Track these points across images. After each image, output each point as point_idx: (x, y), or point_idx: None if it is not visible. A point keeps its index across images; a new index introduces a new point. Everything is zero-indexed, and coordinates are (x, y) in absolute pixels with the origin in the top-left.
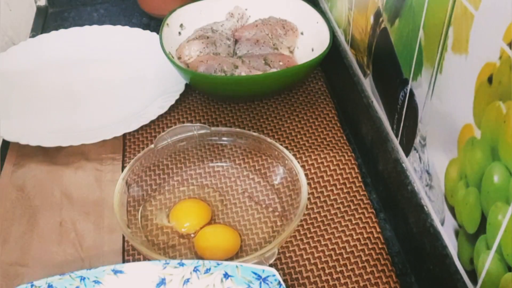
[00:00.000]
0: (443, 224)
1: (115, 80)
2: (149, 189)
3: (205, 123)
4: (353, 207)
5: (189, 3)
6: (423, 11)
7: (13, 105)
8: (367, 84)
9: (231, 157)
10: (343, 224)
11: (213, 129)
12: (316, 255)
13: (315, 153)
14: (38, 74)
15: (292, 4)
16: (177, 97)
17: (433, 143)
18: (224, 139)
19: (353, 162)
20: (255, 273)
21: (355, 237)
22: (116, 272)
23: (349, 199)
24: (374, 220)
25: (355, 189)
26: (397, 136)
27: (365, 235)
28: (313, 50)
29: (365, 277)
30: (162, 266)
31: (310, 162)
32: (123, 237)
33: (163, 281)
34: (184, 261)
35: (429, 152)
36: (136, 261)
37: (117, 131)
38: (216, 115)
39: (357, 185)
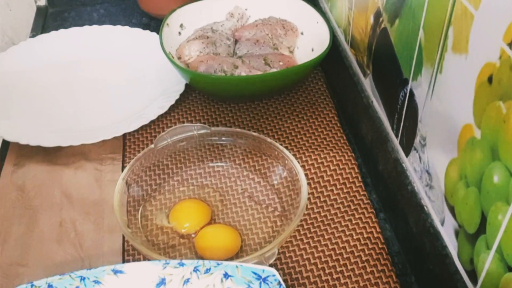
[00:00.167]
0: (443, 224)
1: (115, 80)
2: (149, 189)
3: (205, 123)
4: (353, 207)
5: (189, 3)
6: (423, 11)
7: (13, 105)
8: (367, 84)
9: (231, 157)
10: (343, 224)
11: (213, 129)
12: (316, 255)
13: (315, 153)
14: (38, 74)
15: (292, 4)
16: (177, 97)
17: (433, 143)
18: (224, 139)
19: (353, 162)
20: (255, 273)
21: (355, 237)
22: (116, 272)
23: (349, 199)
24: (374, 220)
25: (355, 189)
26: (397, 136)
27: (365, 235)
28: (313, 50)
29: (365, 277)
30: (162, 266)
31: (310, 162)
32: (123, 237)
33: (163, 281)
34: (184, 261)
35: (429, 152)
36: (136, 261)
37: (117, 131)
38: (216, 115)
39: (357, 185)
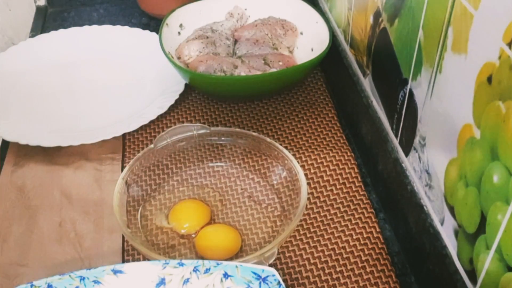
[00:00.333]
0: (442, 224)
1: (115, 80)
2: (149, 189)
3: (204, 123)
4: (352, 207)
5: (188, 3)
6: (422, 11)
7: (12, 105)
8: (367, 84)
9: (231, 157)
10: (343, 224)
11: (212, 129)
12: (315, 255)
13: (314, 153)
14: (37, 74)
15: (291, 4)
16: (177, 97)
17: (432, 143)
18: (223, 139)
19: (352, 162)
20: (255, 273)
21: (354, 237)
22: (115, 272)
23: (348, 199)
24: (373, 220)
25: (354, 189)
26: (396, 136)
27: (365, 235)
28: (312, 50)
29: (364, 277)
30: (161, 266)
31: (309, 162)
32: (123, 237)
33: (162, 281)
34: (183, 261)
35: (429, 152)
36: (135, 261)
37: (117, 131)
38: (215, 115)
39: (357, 185)
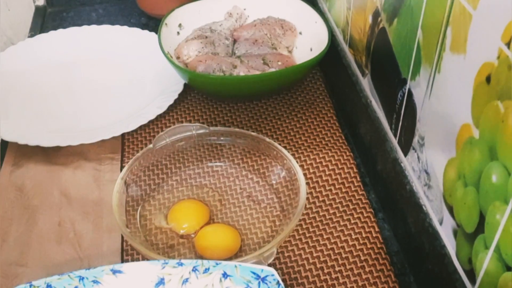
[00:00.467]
0: (441, 223)
1: (114, 80)
2: (148, 189)
3: (203, 123)
4: (351, 207)
5: (187, 3)
6: (421, 11)
7: (11, 105)
8: (366, 83)
9: (230, 157)
10: (342, 224)
11: (211, 129)
12: (314, 254)
13: (313, 153)
14: (36, 74)
15: (290, 4)
16: (176, 97)
17: (431, 142)
18: (222, 139)
19: (351, 161)
20: (254, 273)
21: (353, 237)
22: (115, 272)
23: (347, 199)
24: (372, 219)
25: (353, 189)
26: (395, 135)
27: (364, 235)
28: (311, 50)
29: (363, 276)
30: (161, 266)
31: (308, 161)
32: (122, 237)
33: (162, 281)
34: (183, 261)
35: (428, 151)
36: (135, 261)
37: (116, 131)
38: (214, 115)
39: (356, 184)
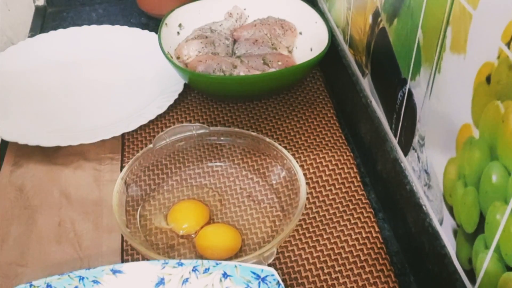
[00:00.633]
0: (441, 223)
1: (114, 80)
2: (148, 189)
3: (204, 123)
4: (351, 207)
5: (187, 3)
6: (421, 11)
7: (11, 105)
8: (366, 84)
9: (230, 157)
10: (342, 223)
11: (211, 129)
12: (314, 254)
13: (313, 153)
14: (36, 74)
15: (290, 4)
16: (176, 97)
17: (431, 142)
18: (222, 139)
19: (351, 161)
20: (254, 273)
21: (353, 237)
22: (115, 272)
23: (347, 199)
24: (372, 219)
25: (353, 189)
26: (395, 135)
27: (364, 235)
28: (311, 50)
29: (363, 276)
30: (161, 266)
31: (308, 161)
32: (122, 237)
33: (162, 281)
34: (183, 261)
35: (428, 151)
36: (135, 261)
37: (116, 131)
38: (214, 115)
39: (356, 184)
